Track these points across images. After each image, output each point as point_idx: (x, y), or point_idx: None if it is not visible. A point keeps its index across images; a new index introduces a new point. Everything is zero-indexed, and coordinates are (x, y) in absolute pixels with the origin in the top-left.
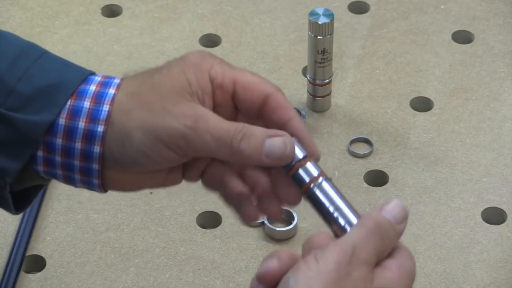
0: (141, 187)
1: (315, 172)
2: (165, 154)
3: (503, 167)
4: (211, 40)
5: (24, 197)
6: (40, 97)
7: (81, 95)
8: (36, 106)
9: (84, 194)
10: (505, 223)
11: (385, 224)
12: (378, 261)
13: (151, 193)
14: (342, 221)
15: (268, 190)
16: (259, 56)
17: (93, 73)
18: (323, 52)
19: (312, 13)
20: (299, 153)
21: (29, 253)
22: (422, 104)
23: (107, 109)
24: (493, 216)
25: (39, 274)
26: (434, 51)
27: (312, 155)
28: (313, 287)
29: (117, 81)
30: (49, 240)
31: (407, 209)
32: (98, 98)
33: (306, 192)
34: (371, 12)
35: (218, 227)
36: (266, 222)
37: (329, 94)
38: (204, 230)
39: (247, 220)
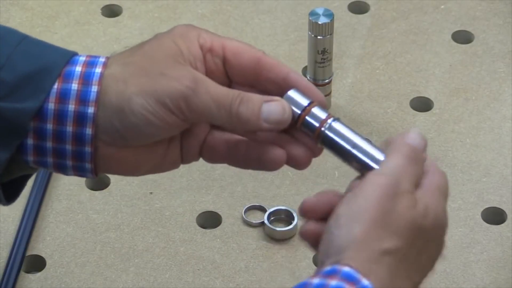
0: (137, 169)
1: (323, 115)
2: (166, 117)
3: (503, 167)
4: None
5: (12, 188)
6: (25, 84)
7: (68, 77)
8: (22, 93)
9: (84, 194)
10: (505, 223)
11: (416, 150)
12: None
13: (151, 193)
14: (362, 157)
15: (287, 139)
16: None
17: (76, 54)
18: (323, 52)
19: (312, 13)
20: (303, 101)
21: (29, 253)
22: (422, 104)
23: (95, 89)
24: (493, 216)
25: (39, 274)
26: (434, 51)
27: (316, 101)
28: (355, 227)
29: (102, 59)
30: (49, 240)
31: (425, 138)
32: (86, 78)
33: (319, 137)
34: (371, 12)
35: (218, 227)
36: (266, 222)
37: (329, 94)
38: (204, 230)
39: (276, 164)
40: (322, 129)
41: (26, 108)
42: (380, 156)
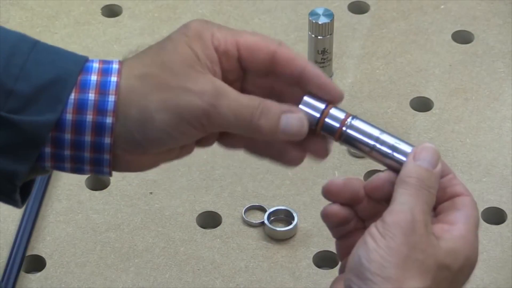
0: (153, 166)
1: (341, 115)
2: (187, 131)
3: (503, 167)
4: None
5: (23, 189)
6: (42, 95)
7: (84, 86)
8: (39, 105)
9: (84, 194)
10: (505, 223)
11: (425, 174)
12: (437, 213)
13: (151, 193)
14: (387, 150)
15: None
16: None
17: (87, 59)
18: (323, 52)
19: (312, 13)
20: (320, 105)
21: (29, 253)
22: (422, 104)
23: (113, 99)
24: (493, 216)
25: (39, 274)
26: (434, 51)
27: (333, 101)
28: (388, 267)
29: (116, 66)
30: (49, 240)
31: (437, 149)
32: (102, 88)
33: (341, 137)
34: (371, 12)
35: (218, 227)
36: (266, 222)
37: None
38: (204, 230)
39: (295, 163)
40: (344, 128)
41: (45, 120)
42: (404, 146)
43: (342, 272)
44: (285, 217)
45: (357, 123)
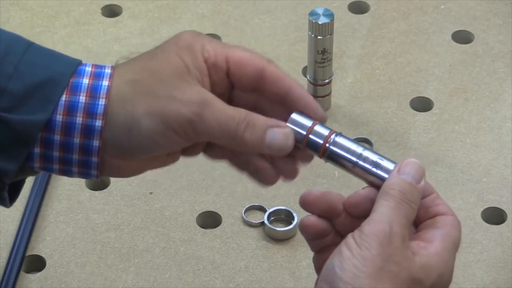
0: (140, 172)
1: (325, 132)
2: (173, 139)
3: (503, 167)
4: None
5: (13, 189)
6: (33, 95)
7: (75, 89)
8: (30, 104)
9: (84, 194)
10: (505, 223)
11: (408, 188)
12: (418, 230)
13: (151, 193)
14: (369, 167)
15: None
16: None
17: (80, 62)
18: (323, 52)
19: (312, 13)
20: (307, 122)
21: (29, 253)
22: (422, 104)
23: (103, 103)
24: (493, 216)
25: (39, 274)
26: (434, 51)
27: (317, 120)
28: (361, 276)
29: (108, 71)
30: (49, 240)
31: (422, 165)
32: (93, 91)
33: (324, 153)
34: (371, 12)
35: (218, 227)
36: (266, 222)
37: (329, 94)
38: (204, 230)
39: (268, 183)
40: (327, 145)
41: (35, 120)
42: (386, 163)
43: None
44: (285, 217)
45: (340, 140)
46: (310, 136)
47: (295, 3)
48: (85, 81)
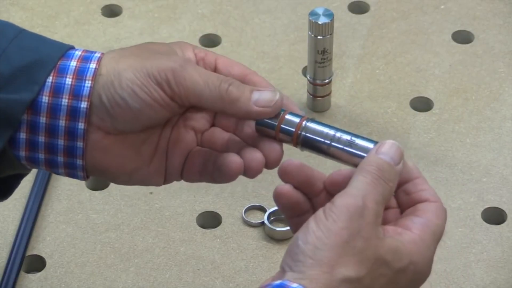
0: (122, 166)
1: (297, 119)
2: (153, 91)
3: (503, 167)
4: (211, 40)
5: (5, 185)
6: (20, 76)
7: (62, 71)
8: (16, 85)
9: (84, 194)
10: (505, 223)
11: (386, 167)
12: (401, 218)
13: (151, 193)
14: (345, 147)
15: (250, 148)
16: (259, 56)
17: (72, 47)
18: (323, 52)
19: (312, 13)
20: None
21: (29, 253)
22: (422, 104)
23: (89, 85)
24: (493, 216)
25: (39, 274)
26: (434, 51)
27: (288, 110)
28: (323, 249)
29: (97, 55)
30: (49, 240)
31: (402, 148)
32: (80, 74)
33: (297, 139)
34: (371, 12)
35: (218, 227)
36: (266, 222)
37: (329, 94)
38: (204, 230)
39: (233, 170)
40: (299, 132)
41: (20, 99)
42: (362, 142)
43: None
44: (285, 217)
45: (312, 125)
46: (282, 126)
47: (295, 3)
48: (73, 63)
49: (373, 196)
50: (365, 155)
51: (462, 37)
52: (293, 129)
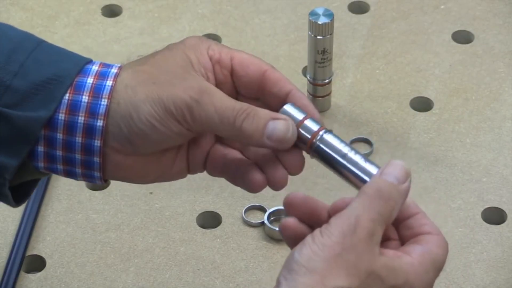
0: (144, 176)
1: (315, 127)
2: (172, 125)
3: (503, 167)
4: None
5: (22, 190)
6: (37, 92)
7: (79, 88)
8: (33, 102)
9: (84, 194)
10: (505, 223)
11: (386, 187)
12: (403, 246)
13: (151, 193)
14: (352, 168)
15: (271, 160)
16: (259, 56)
17: (90, 61)
18: (323, 52)
19: (312, 13)
20: (298, 115)
21: (29, 253)
22: (422, 104)
23: (105, 103)
24: (493, 216)
25: (39, 274)
26: (434, 51)
27: (310, 115)
28: (316, 260)
29: (114, 70)
30: (49, 240)
31: (408, 167)
32: (96, 91)
33: (311, 148)
34: (371, 12)
35: (218, 227)
36: (266, 222)
37: (329, 94)
38: (204, 230)
39: (255, 187)
40: (314, 140)
41: (37, 116)
42: (371, 168)
43: None
44: (285, 217)
45: (328, 137)
46: (300, 129)
47: (295, 3)
48: (89, 80)
49: (367, 215)
50: (367, 178)
51: (462, 37)
52: (309, 136)
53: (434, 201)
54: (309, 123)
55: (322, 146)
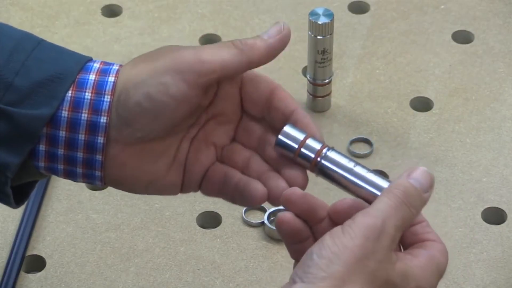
0: (138, 178)
1: (317, 146)
2: (171, 86)
3: (503, 167)
4: (211, 40)
5: (21, 191)
6: (39, 90)
7: (82, 85)
8: (35, 100)
9: (84, 194)
10: (505, 223)
11: (413, 192)
12: (409, 249)
13: None
14: (361, 183)
15: (274, 175)
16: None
17: (90, 59)
18: (323, 52)
19: (312, 13)
20: (299, 135)
21: (29, 253)
22: (422, 104)
23: (108, 99)
24: (493, 216)
25: (39, 274)
26: (434, 51)
27: (310, 134)
28: (336, 263)
29: (115, 67)
30: (49, 240)
31: (433, 176)
32: (99, 88)
33: (316, 167)
34: (371, 12)
35: (218, 227)
36: (266, 222)
37: (329, 94)
38: (204, 230)
39: (257, 198)
40: (318, 159)
41: (40, 114)
42: (378, 180)
43: None
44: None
45: (332, 154)
46: (302, 149)
47: (295, 3)
48: (92, 77)
49: (393, 221)
50: (378, 192)
51: (462, 37)
52: (313, 155)
53: (434, 201)
54: (311, 142)
55: (327, 163)
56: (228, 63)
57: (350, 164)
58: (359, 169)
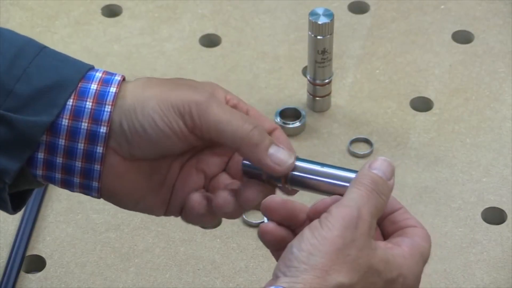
0: (132, 193)
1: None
2: (174, 122)
3: (503, 167)
4: (211, 40)
5: (18, 198)
6: (40, 97)
7: (83, 94)
8: (35, 107)
9: None
10: (505, 223)
11: (379, 180)
12: (390, 238)
13: None
14: (333, 181)
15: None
16: (259, 56)
17: (92, 68)
18: (323, 52)
19: (312, 13)
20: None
21: (29, 253)
22: (422, 104)
23: (109, 109)
24: (493, 216)
25: (39, 274)
26: (434, 51)
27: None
28: (317, 255)
29: (117, 78)
30: (49, 240)
31: (394, 165)
32: (100, 98)
33: (286, 181)
34: (371, 12)
35: (218, 227)
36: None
37: (329, 94)
38: (204, 230)
39: (221, 206)
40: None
41: (39, 121)
42: (347, 173)
43: None
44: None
45: (299, 163)
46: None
47: (295, 3)
48: (93, 86)
49: (367, 208)
50: (347, 184)
51: (462, 37)
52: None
53: (434, 201)
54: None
55: (296, 173)
56: (224, 136)
57: (317, 167)
58: (327, 169)
